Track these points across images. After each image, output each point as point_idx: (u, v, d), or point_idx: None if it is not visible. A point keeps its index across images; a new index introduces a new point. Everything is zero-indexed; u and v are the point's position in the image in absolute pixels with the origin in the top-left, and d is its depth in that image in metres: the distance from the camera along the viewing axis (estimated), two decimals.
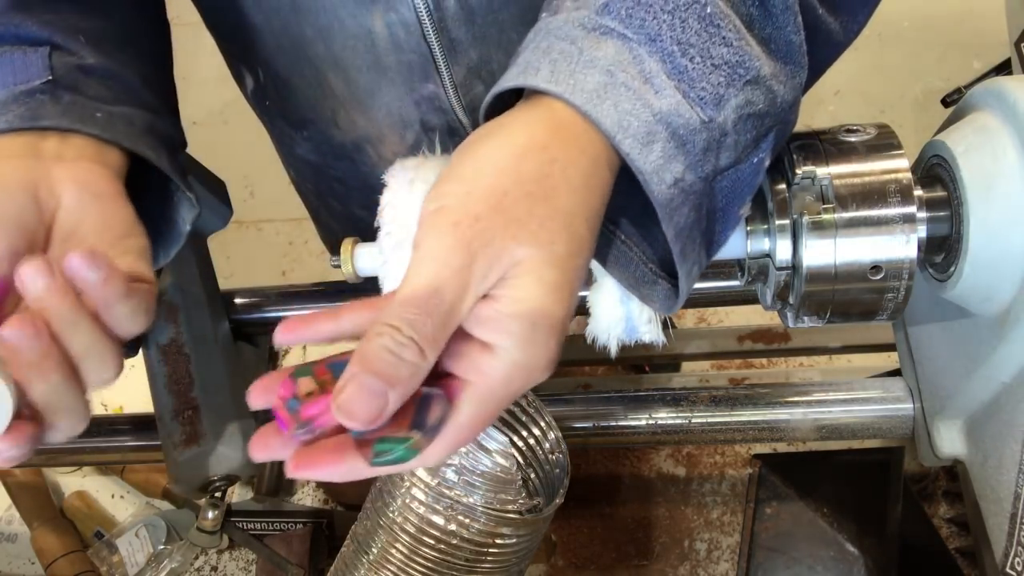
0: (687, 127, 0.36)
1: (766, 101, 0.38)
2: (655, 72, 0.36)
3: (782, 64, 0.39)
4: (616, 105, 0.35)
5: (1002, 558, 0.55)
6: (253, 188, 2.00)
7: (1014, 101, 0.46)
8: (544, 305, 0.34)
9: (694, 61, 0.36)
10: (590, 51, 0.36)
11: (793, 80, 0.40)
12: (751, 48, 0.37)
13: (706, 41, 0.37)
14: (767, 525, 0.90)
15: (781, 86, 0.39)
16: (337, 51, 0.61)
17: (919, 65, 2.08)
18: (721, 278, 0.70)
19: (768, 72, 0.38)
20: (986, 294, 0.49)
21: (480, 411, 0.35)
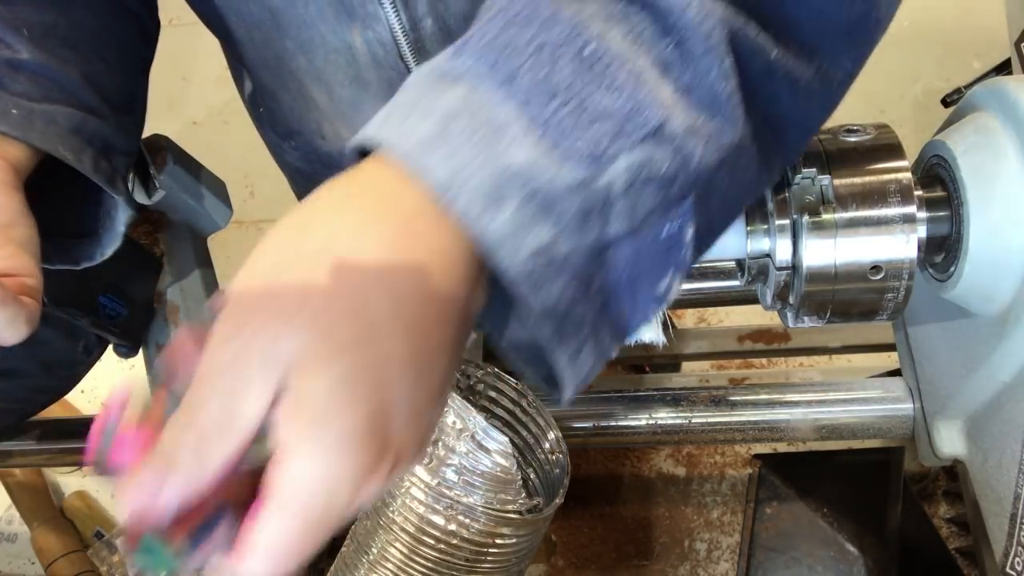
0: (552, 187, 0.29)
1: (676, 162, 0.31)
2: (509, 120, 0.29)
3: (706, 117, 0.32)
4: (451, 156, 0.29)
5: (1002, 558, 0.55)
6: (253, 188, 2.00)
7: (1014, 101, 0.46)
8: (331, 405, 0.28)
9: (565, 108, 0.30)
10: (432, 98, 0.30)
11: (721, 138, 0.33)
12: (654, 97, 0.31)
13: (584, 86, 0.30)
14: (767, 525, 0.90)
15: (700, 145, 0.32)
16: (319, 65, 0.61)
17: (919, 65, 2.08)
18: (721, 278, 0.70)
19: (680, 127, 0.31)
20: (986, 294, 0.49)
21: (281, 530, 0.28)
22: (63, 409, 1.16)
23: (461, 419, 0.58)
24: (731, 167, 0.34)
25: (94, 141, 0.50)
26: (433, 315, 0.30)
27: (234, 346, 0.28)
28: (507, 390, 0.64)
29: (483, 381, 0.64)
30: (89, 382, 0.87)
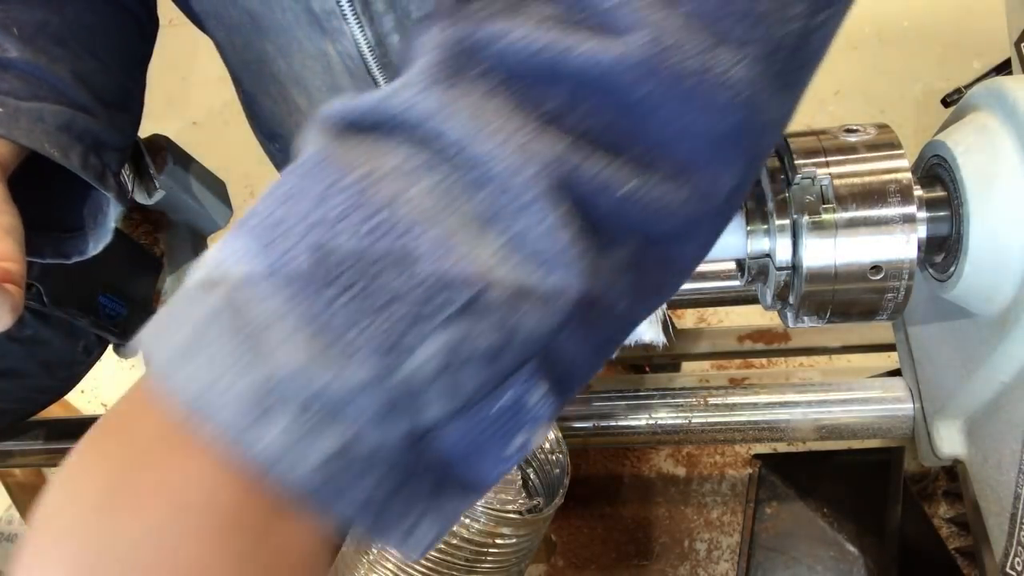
0: (335, 391, 0.24)
1: (500, 334, 0.26)
2: (276, 318, 0.25)
3: (542, 275, 0.27)
4: (206, 366, 0.24)
5: (1002, 558, 0.55)
6: (253, 188, 2.00)
7: (1014, 101, 0.46)
8: None
9: (345, 298, 0.25)
10: (195, 297, 0.26)
11: (560, 296, 0.27)
12: (466, 265, 0.26)
13: (370, 266, 0.25)
14: (767, 525, 0.90)
15: (533, 309, 0.27)
16: (297, 69, 0.61)
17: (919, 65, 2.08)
18: (721, 278, 0.70)
19: (503, 294, 0.26)
20: (986, 294, 0.49)
21: None
22: (63, 409, 1.16)
23: None
24: (582, 320, 0.29)
25: (84, 138, 0.50)
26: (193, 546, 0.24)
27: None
28: None
29: None
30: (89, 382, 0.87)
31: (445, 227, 0.26)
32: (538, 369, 0.28)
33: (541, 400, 0.29)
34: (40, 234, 0.54)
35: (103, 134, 0.53)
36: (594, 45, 0.28)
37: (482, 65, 0.28)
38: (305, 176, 0.27)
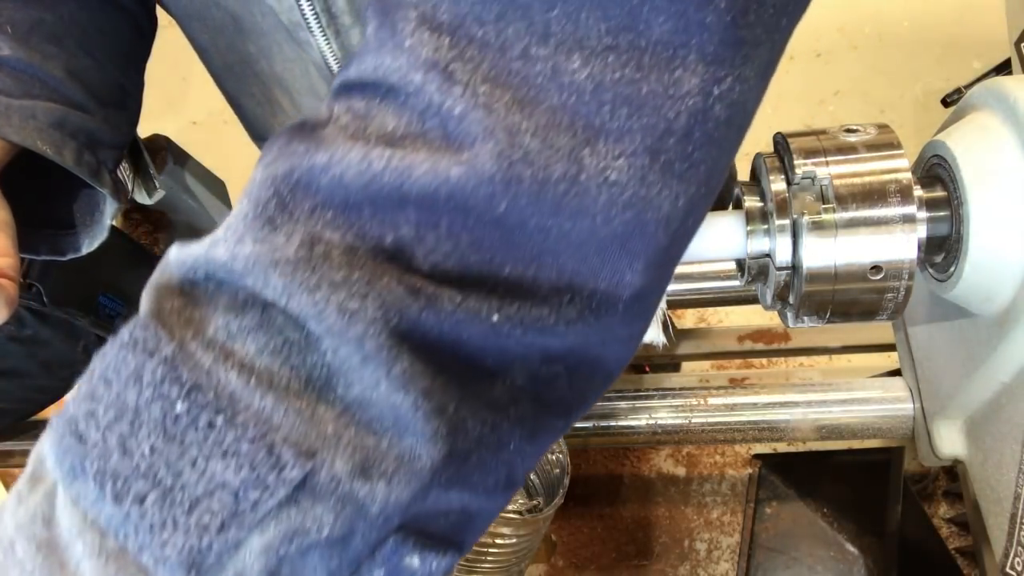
0: None
1: (344, 515, 0.24)
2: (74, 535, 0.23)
3: (392, 439, 0.24)
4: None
5: (1002, 558, 0.55)
6: None
7: (1014, 101, 0.46)
8: None
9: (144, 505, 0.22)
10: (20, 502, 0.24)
11: (417, 461, 0.24)
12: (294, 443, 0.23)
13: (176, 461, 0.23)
14: (767, 525, 0.90)
15: (383, 480, 0.24)
16: (279, 71, 0.61)
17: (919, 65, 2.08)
18: (721, 278, 0.70)
19: (342, 470, 0.23)
20: (986, 294, 0.49)
21: None
22: None
23: None
24: (455, 475, 0.26)
25: (77, 135, 0.51)
26: None
27: None
28: None
29: None
30: None
31: (266, 401, 0.23)
32: (408, 539, 0.25)
33: (425, 566, 0.26)
34: (35, 231, 0.54)
35: (98, 131, 0.53)
36: (439, 162, 0.25)
37: (312, 200, 0.25)
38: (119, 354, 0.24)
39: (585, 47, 0.25)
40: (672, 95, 0.26)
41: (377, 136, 0.26)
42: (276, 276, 0.24)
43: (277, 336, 0.24)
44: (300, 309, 0.24)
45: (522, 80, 0.25)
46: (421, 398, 0.24)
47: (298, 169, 0.25)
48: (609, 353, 0.30)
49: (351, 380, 0.24)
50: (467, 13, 0.25)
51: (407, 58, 0.25)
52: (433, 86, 0.25)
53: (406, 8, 0.26)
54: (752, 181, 0.52)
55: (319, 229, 0.24)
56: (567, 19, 0.25)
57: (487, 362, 0.26)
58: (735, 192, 0.53)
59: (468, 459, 0.26)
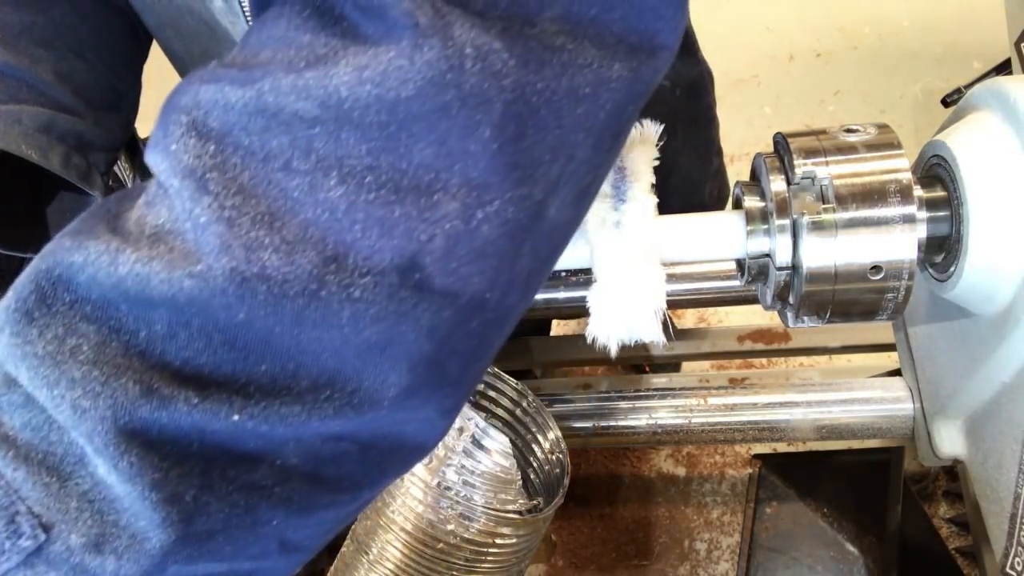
0: None
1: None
2: None
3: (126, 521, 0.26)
4: None
5: (1002, 558, 0.55)
6: None
7: (1014, 101, 0.46)
8: None
9: None
10: None
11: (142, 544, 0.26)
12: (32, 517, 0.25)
13: None
14: (767, 525, 0.90)
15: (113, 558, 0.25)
16: None
17: (919, 65, 2.08)
18: (721, 278, 0.70)
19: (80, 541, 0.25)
20: (986, 294, 0.49)
21: None
22: None
23: (461, 419, 0.58)
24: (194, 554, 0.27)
25: (66, 138, 0.50)
26: None
27: None
28: (507, 390, 0.64)
29: (483, 381, 0.64)
30: None
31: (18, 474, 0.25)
32: None
33: None
34: (28, 231, 0.54)
35: (89, 134, 0.52)
36: (175, 269, 0.26)
37: (72, 295, 0.26)
38: None
39: (345, 166, 0.26)
40: (427, 218, 0.26)
41: (136, 235, 0.27)
42: (24, 369, 0.25)
43: (39, 415, 0.26)
44: (43, 401, 0.25)
45: (279, 192, 0.26)
46: (148, 489, 0.25)
47: (59, 266, 0.26)
48: (410, 431, 0.30)
49: (83, 468, 0.26)
50: (235, 123, 0.26)
51: (170, 162, 0.27)
52: (186, 194, 0.26)
53: (179, 112, 0.27)
54: (752, 181, 0.52)
55: (76, 321, 0.26)
56: (328, 137, 0.26)
57: (246, 447, 0.27)
58: (735, 192, 0.53)
59: (213, 538, 0.27)
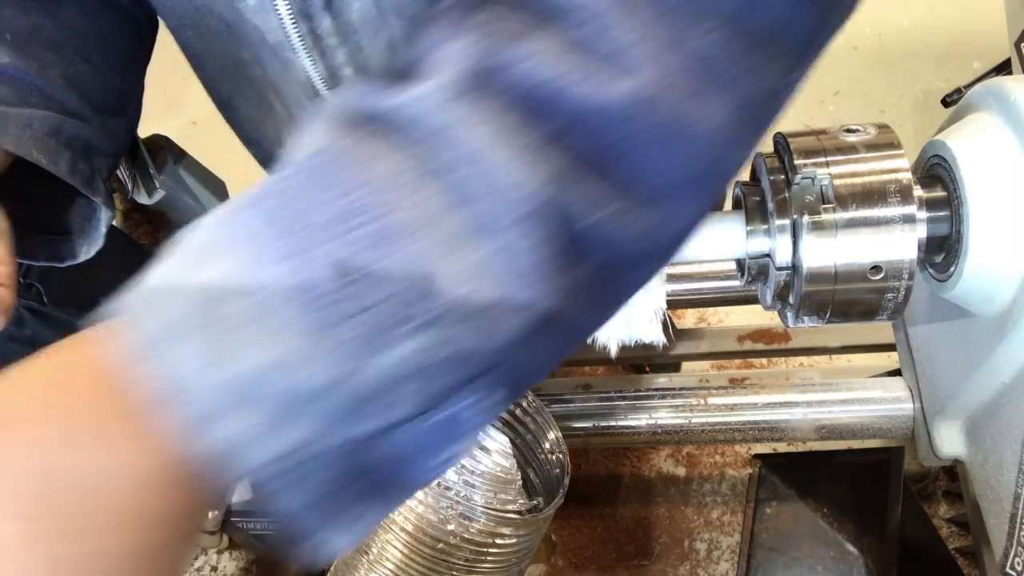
0: (313, 384, 0.25)
1: (472, 341, 0.27)
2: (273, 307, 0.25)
3: (517, 288, 0.28)
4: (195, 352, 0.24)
5: (1002, 558, 0.55)
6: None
7: (1014, 101, 0.46)
8: None
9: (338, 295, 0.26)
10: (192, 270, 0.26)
11: (532, 309, 0.28)
12: (448, 272, 0.27)
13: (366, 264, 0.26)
14: (767, 525, 0.90)
15: (505, 320, 0.28)
16: (272, 77, 0.61)
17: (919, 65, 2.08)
18: (721, 278, 0.70)
19: (480, 303, 0.27)
20: (986, 294, 0.49)
21: None
22: None
23: None
24: (546, 333, 0.30)
25: (73, 144, 0.50)
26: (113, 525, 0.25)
27: None
28: None
29: None
30: None
31: (433, 236, 0.27)
32: (500, 376, 0.29)
33: (496, 404, 0.29)
34: (33, 236, 0.54)
35: (94, 139, 0.52)
36: (602, 80, 0.29)
37: (500, 84, 0.29)
38: (314, 174, 0.27)
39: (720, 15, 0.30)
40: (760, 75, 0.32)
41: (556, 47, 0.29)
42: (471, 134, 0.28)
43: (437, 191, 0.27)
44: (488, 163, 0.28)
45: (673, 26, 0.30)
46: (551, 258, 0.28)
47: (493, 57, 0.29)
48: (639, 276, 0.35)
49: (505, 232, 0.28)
50: None
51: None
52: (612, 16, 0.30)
53: None
54: (752, 181, 0.52)
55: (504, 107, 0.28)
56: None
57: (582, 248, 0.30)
58: (735, 192, 0.53)
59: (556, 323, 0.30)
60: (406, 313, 0.26)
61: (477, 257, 0.27)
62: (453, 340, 0.27)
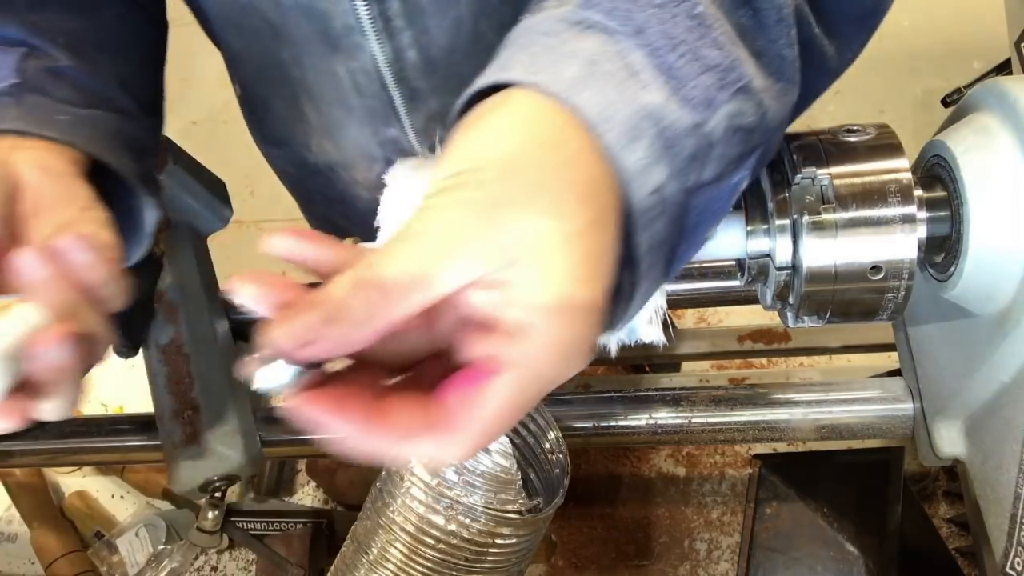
0: (675, 128, 0.32)
1: (756, 115, 0.35)
2: (642, 66, 0.33)
3: (773, 79, 0.36)
4: (600, 93, 0.32)
5: (1002, 558, 0.55)
6: (253, 188, 2.00)
7: (1014, 101, 0.46)
8: (571, 284, 0.30)
9: (684, 59, 0.33)
10: (572, 43, 0.33)
11: (784, 98, 0.37)
12: (742, 56, 0.35)
13: (696, 40, 0.33)
14: (767, 525, 0.90)
15: (772, 101, 0.36)
16: (310, 81, 0.61)
17: (919, 65, 2.08)
18: (721, 278, 0.70)
19: (759, 85, 0.35)
20: (986, 294, 0.49)
21: (507, 401, 0.31)
22: None
23: None
24: (784, 124, 0.39)
25: (132, 144, 0.50)
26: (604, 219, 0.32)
27: (451, 215, 0.30)
28: None
29: None
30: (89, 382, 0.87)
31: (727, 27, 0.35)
32: (756, 159, 0.37)
33: (743, 184, 0.37)
34: None
35: (144, 139, 0.52)
36: None
37: None
38: None
39: None
40: None
41: None
42: None
43: None
44: None
45: None
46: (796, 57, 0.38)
47: None
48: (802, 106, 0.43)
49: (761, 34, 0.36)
50: None
51: None
52: None
53: None
54: (752, 181, 0.52)
55: None
56: None
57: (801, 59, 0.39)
58: None
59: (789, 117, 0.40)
60: (726, 80, 0.34)
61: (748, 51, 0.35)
62: (743, 113, 0.34)
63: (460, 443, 0.31)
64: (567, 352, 0.31)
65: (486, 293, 0.31)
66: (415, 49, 0.56)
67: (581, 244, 0.30)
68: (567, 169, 0.31)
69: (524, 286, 0.30)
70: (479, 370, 0.31)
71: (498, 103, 0.33)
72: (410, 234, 0.30)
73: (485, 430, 0.31)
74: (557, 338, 0.30)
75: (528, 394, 0.31)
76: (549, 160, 0.31)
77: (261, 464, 0.74)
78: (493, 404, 0.31)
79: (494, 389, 0.31)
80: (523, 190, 0.30)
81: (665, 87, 0.33)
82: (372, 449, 0.31)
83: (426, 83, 0.59)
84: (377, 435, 0.31)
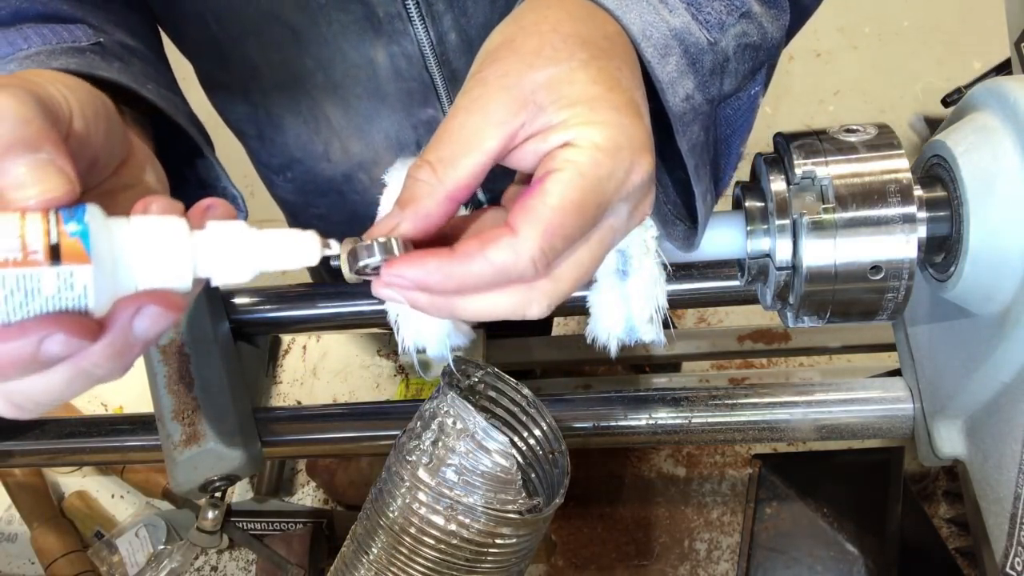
0: (697, 46, 0.40)
1: (759, 35, 0.43)
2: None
3: (768, 6, 0.45)
4: (640, 15, 0.39)
5: (1002, 558, 0.55)
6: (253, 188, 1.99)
7: (1014, 101, 0.46)
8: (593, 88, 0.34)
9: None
10: None
11: (777, 21, 0.45)
12: None
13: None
14: (767, 525, 0.90)
15: (770, 24, 0.44)
16: (337, 80, 0.62)
17: (919, 65, 2.08)
18: (721, 278, 0.70)
19: (758, 10, 0.43)
20: (986, 294, 0.49)
21: (566, 198, 0.33)
22: (63, 409, 1.16)
23: (461, 419, 0.58)
24: (782, 43, 0.46)
25: (202, 131, 0.50)
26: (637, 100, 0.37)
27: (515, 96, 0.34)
28: (507, 390, 0.64)
29: (483, 381, 0.64)
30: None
31: None
32: (764, 74, 0.44)
33: (759, 105, 0.45)
34: None
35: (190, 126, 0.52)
36: None
37: None
38: None
39: None
40: None
41: None
42: None
43: None
44: None
45: None
46: None
47: None
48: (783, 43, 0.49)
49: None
50: None
51: None
52: None
53: None
54: (752, 181, 0.52)
55: None
56: None
57: None
58: (735, 192, 0.53)
59: (784, 38, 0.47)
60: (732, 6, 0.41)
61: None
62: (748, 33, 0.42)
63: (527, 245, 0.32)
64: (612, 147, 0.34)
65: (534, 142, 0.35)
66: (455, 32, 0.58)
67: (590, 68, 0.35)
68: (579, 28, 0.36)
69: (556, 114, 0.34)
70: (535, 183, 0.34)
71: None
72: (454, 111, 0.35)
73: (548, 228, 0.32)
74: (597, 133, 0.34)
75: (586, 194, 0.33)
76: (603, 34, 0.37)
77: (261, 464, 0.74)
78: (552, 200, 0.33)
79: (549, 185, 0.33)
80: (535, 53, 0.35)
81: (687, 12, 0.40)
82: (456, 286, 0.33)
83: (466, 62, 0.60)
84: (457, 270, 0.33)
